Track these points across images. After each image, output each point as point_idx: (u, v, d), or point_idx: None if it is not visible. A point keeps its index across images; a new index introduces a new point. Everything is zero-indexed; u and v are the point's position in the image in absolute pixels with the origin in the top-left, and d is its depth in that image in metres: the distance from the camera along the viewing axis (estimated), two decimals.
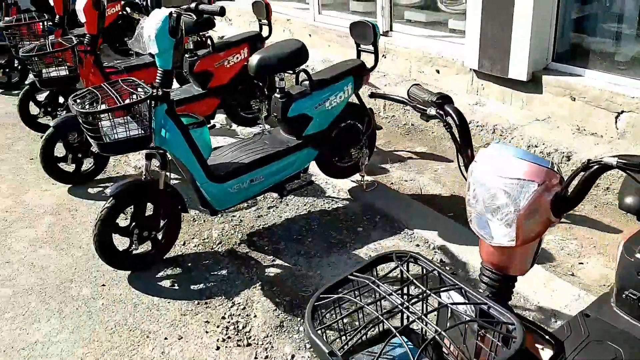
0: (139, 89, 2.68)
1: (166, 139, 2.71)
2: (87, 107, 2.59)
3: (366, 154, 3.46)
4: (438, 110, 1.47)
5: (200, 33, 4.29)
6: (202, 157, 2.83)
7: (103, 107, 2.54)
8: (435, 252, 2.85)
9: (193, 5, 2.55)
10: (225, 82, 4.10)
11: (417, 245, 2.91)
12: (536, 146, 3.69)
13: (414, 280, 1.14)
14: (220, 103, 4.17)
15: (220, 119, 4.58)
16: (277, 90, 3.09)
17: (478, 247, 1.24)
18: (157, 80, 2.68)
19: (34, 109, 4.62)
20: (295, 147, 3.13)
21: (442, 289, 1.15)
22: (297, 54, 3.02)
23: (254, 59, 2.96)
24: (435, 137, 4.32)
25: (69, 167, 3.83)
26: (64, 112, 4.56)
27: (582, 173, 1.13)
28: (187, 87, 4.14)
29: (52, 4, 4.51)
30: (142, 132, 2.60)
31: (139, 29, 2.59)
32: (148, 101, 2.58)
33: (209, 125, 4.18)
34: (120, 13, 5.37)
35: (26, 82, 4.75)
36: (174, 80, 3.29)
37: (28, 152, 4.46)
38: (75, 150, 3.76)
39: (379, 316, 1.07)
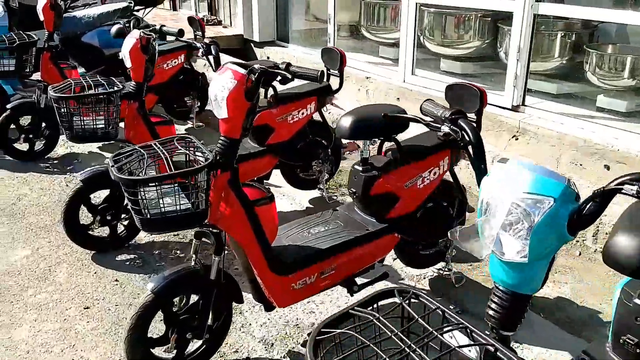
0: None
1: None
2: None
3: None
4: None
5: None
6: None
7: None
8: None
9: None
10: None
11: None
12: None
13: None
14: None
15: None
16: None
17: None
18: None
19: (83, 214, 3.21)
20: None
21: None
22: None
23: None
24: None
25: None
26: (126, 220, 3.27)
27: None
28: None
29: (127, 64, 3.34)
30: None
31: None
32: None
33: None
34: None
35: (78, 175, 3.26)
36: None
37: (77, 291, 2.87)
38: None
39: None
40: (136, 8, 5.54)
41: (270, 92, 3.44)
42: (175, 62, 4.74)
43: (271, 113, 3.43)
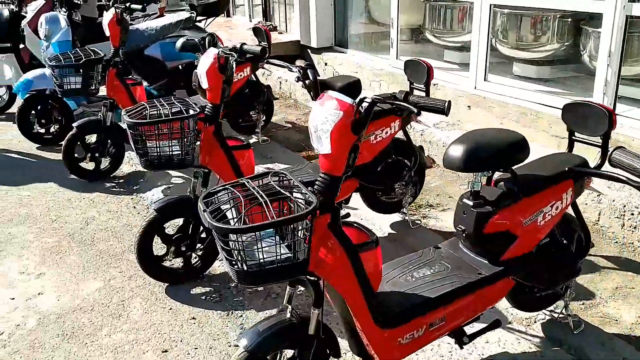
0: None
1: None
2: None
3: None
4: None
5: None
6: None
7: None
8: None
9: None
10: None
11: None
12: None
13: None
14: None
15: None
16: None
17: None
18: None
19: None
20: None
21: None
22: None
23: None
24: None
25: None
26: (201, 250, 3.04)
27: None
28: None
29: (204, 84, 2.95)
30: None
31: None
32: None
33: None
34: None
35: (152, 204, 3.17)
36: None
37: (153, 330, 2.67)
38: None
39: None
40: (198, 18, 5.36)
41: None
42: (241, 75, 4.53)
43: None
